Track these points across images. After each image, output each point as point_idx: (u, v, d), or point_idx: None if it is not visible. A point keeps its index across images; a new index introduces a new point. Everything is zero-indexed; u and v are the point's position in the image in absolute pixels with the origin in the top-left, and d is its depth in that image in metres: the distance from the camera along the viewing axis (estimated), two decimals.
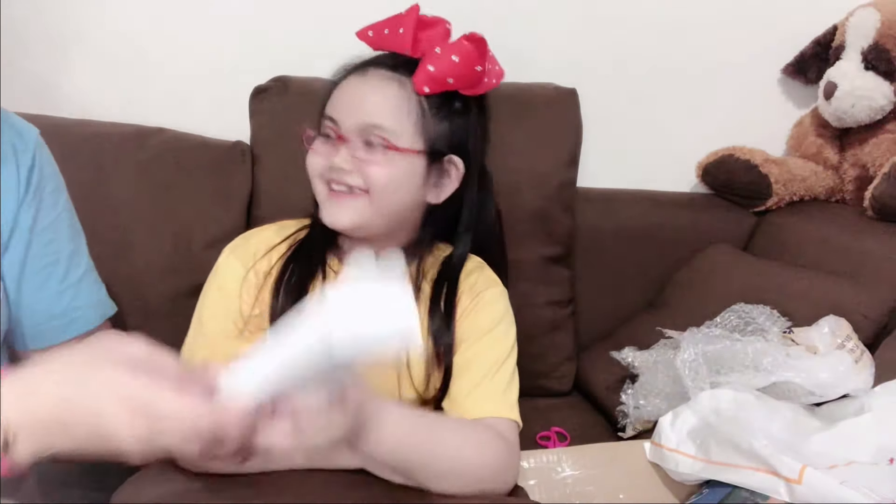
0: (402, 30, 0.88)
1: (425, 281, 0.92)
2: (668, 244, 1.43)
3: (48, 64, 1.36)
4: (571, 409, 1.32)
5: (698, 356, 1.01)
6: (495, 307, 0.93)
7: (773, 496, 0.81)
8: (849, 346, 1.00)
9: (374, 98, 0.86)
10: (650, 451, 0.99)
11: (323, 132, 0.89)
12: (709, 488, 0.90)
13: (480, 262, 0.97)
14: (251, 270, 0.89)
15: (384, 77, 0.87)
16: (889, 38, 1.32)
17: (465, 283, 0.93)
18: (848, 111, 1.36)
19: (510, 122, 1.29)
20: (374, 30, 0.91)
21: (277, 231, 0.95)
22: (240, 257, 0.91)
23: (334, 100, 0.89)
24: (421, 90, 0.86)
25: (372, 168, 0.85)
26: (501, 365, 0.89)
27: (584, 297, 1.41)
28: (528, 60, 1.39)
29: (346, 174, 0.85)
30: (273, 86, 1.28)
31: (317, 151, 0.88)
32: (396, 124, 0.85)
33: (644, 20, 1.44)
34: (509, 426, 0.86)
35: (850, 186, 1.43)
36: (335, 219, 0.87)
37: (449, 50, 0.87)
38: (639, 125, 1.51)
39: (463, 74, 0.87)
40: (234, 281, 0.89)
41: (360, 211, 0.86)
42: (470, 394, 0.87)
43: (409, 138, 0.86)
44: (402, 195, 0.87)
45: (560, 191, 1.32)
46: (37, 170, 0.83)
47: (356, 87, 0.88)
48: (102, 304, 0.91)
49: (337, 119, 0.87)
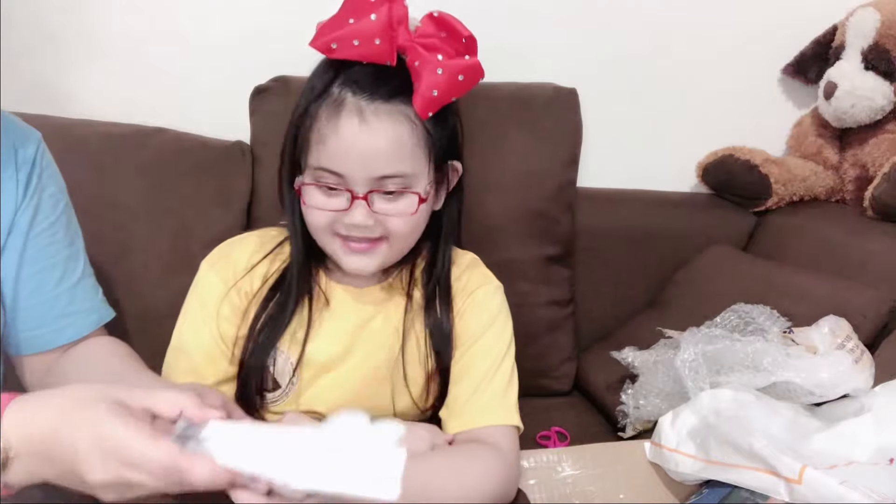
0: (379, 40, 0.77)
1: (416, 289, 0.90)
2: (668, 244, 1.43)
3: (48, 64, 1.36)
4: (571, 409, 1.32)
5: (698, 356, 1.01)
6: (489, 306, 0.90)
7: (773, 496, 0.81)
8: (849, 346, 0.99)
9: (388, 147, 0.77)
10: (650, 451, 0.99)
11: (322, 184, 0.79)
12: (709, 488, 0.90)
13: (472, 259, 0.95)
14: (233, 289, 0.86)
15: (389, 116, 0.77)
16: (889, 38, 1.32)
17: (456, 284, 0.91)
18: (848, 111, 1.36)
19: (510, 122, 1.29)
20: (339, 40, 0.77)
21: (259, 245, 0.89)
22: (219, 273, 0.87)
23: (331, 150, 0.77)
24: (425, 116, 0.78)
25: (395, 220, 0.79)
26: (499, 366, 0.87)
27: (584, 297, 1.41)
28: (528, 60, 1.39)
29: (366, 230, 0.79)
30: (273, 86, 1.28)
31: (321, 207, 0.79)
32: (414, 167, 0.79)
33: (644, 20, 1.44)
34: (509, 434, 0.85)
35: (850, 186, 1.43)
36: (360, 268, 0.82)
37: (452, 70, 0.77)
38: (639, 125, 1.51)
39: (467, 88, 0.80)
40: (214, 297, 0.86)
41: (383, 256, 0.82)
42: (468, 401, 0.86)
43: (425, 173, 0.80)
44: (421, 227, 0.84)
45: (560, 191, 1.32)
46: (37, 173, 0.82)
47: (362, 137, 0.76)
48: (98, 310, 0.89)
49: (344, 174, 0.77)
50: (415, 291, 0.89)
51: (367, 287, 0.90)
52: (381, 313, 0.89)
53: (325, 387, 0.87)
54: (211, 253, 0.90)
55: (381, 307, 0.90)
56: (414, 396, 0.89)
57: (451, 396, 0.88)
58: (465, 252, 0.95)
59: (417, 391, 0.89)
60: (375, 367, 0.88)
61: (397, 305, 0.90)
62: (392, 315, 0.89)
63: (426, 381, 0.89)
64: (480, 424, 0.85)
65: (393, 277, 0.90)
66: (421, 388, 0.90)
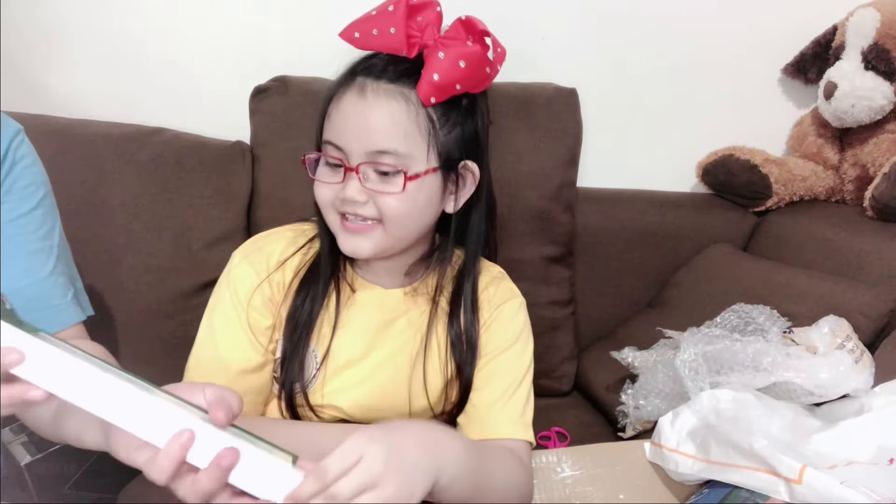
0: (394, 29, 0.80)
1: (442, 296, 0.90)
2: (668, 244, 1.43)
3: (48, 64, 1.36)
4: (571, 409, 1.32)
5: (698, 356, 1.01)
6: (515, 321, 0.91)
7: (773, 496, 0.81)
8: (849, 346, 0.99)
9: (381, 122, 0.78)
10: (650, 451, 0.98)
11: (326, 158, 0.82)
12: (709, 488, 0.90)
13: (500, 273, 0.95)
14: (266, 282, 0.86)
15: (387, 94, 0.79)
16: (889, 38, 1.32)
17: (482, 295, 0.91)
18: (848, 111, 1.36)
19: (510, 121, 1.29)
20: (361, 30, 0.82)
21: (291, 239, 0.90)
22: (253, 264, 0.87)
23: (334, 123, 0.81)
24: (427, 102, 0.79)
25: (387, 199, 0.79)
26: (520, 383, 0.88)
27: (584, 297, 1.41)
28: (528, 60, 1.39)
29: (359, 206, 0.80)
30: (273, 86, 1.28)
31: (323, 181, 0.82)
32: (408, 147, 0.79)
33: (644, 20, 1.44)
34: (525, 448, 0.86)
35: (850, 186, 1.43)
36: (354, 249, 0.82)
37: (454, 55, 0.79)
38: (639, 125, 1.51)
39: (471, 78, 0.81)
40: (247, 287, 0.85)
41: (377, 240, 0.82)
42: (488, 412, 0.87)
43: (423, 158, 0.80)
44: (420, 217, 0.83)
45: (560, 191, 1.32)
46: (7, 163, 0.82)
47: (358, 109, 0.79)
48: (67, 309, 0.86)
49: (342, 147, 0.80)
50: (441, 298, 0.90)
51: (393, 289, 0.90)
52: (405, 316, 0.90)
53: (345, 382, 0.88)
54: (243, 245, 0.90)
55: (405, 309, 0.90)
56: (431, 401, 0.90)
57: (471, 404, 0.89)
58: (493, 264, 0.96)
59: (435, 396, 0.90)
60: (395, 368, 0.89)
61: (422, 310, 0.90)
62: (416, 319, 0.90)
63: (444, 387, 0.90)
64: (500, 436, 0.85)
65: (419, 281, 0.91)
66: (439, 393, 0.90)
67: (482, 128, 0.87)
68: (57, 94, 1.37)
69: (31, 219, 0.84)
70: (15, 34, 1.32)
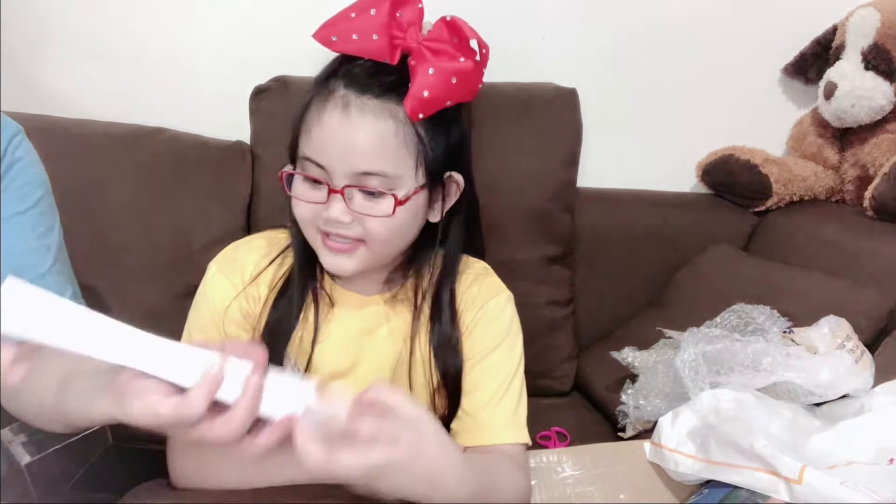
0: (377, 35, 0.75)
1: (425, 301, 0.87)
2: (668, 244, 1.43)
3: (48, 64, 1.36)
4: (571, 409, 1.32)
5: (698, 356, 1.01)
6: (500, 318, 0.88)
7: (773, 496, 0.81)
8: (849, 346, 0.99)
9: (369, 143, 0.74)
10: (650, 451, 0.98)
11: (306, 175, 0.77)
12: (709, 488, 0.90)
13: (483, 269, 0.92)
14: (241, 294, 0.84)
15: (374, 112, 0.74)
16: (889, 38, 1.32)
17: (465, 296, 0.88)
18: (848, 111, 1.36)
19: (510, 122, 1.29)
20: (338, 33, 0.77)
21: (266, 250, 0.87)
22: (228, 276, 0.85)
23: (315, 140, 0.76)
24: (415, 118, 0.75)
25: (373, 221, 0.76)
26: (510, 383, 0.86)
27: (584, 297, 1.41)
28: (528, 60, 1.39)
29: (343, 227, 0.76)
30: (273, 86, 1.28)
31: (303, 198, 0.78)
32: (397, 168, 0.75)
33: (644, 20, 1.44)
34: (521, 450, 0.84)
35: (850, 186, 1.43)
36: (337, 268, 0.80)
37: (446, 71, 0.75)
38: (639, 125, 1.51)
39: (463, 93, 0.77)
40: (223, 299, 0.84)
41: (361, 258, 0.79)
42: (480, 416, 0.84)
43: (411, 176, 0.77)
44: (406, 234, 0.81)
45: (560, 191, 1.32)
46: (4, 163, 0.82)
47: (343, 128, 0.74)
48: None
49: (325, 166, 0.75)
50: (423, 303, 0.87)
51: (372, 295, 0.88)
52: (386, 325, 0.88)
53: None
54: (219, 255, 0.88)
55: (387, 316, 0.88)
56: None
57: (463, 409, 0.86)
58: (476, 261, 0.93)
59: (423, 404, 0.88)
60: (381, 377, 0.87)
61: (404, 316, 0.88)
62: (398, 328, 0.88)
63: (431, 397, 0.88)
64: (495, 441, 0.84)
65: (399, 287, 0.88)
66: (426, 404, 0.88)
67: (466, 133, 0.84)
68: (57, 94, 1.37)
69: (28, 217, 0.84)
70: (16, 35, 1.32)
